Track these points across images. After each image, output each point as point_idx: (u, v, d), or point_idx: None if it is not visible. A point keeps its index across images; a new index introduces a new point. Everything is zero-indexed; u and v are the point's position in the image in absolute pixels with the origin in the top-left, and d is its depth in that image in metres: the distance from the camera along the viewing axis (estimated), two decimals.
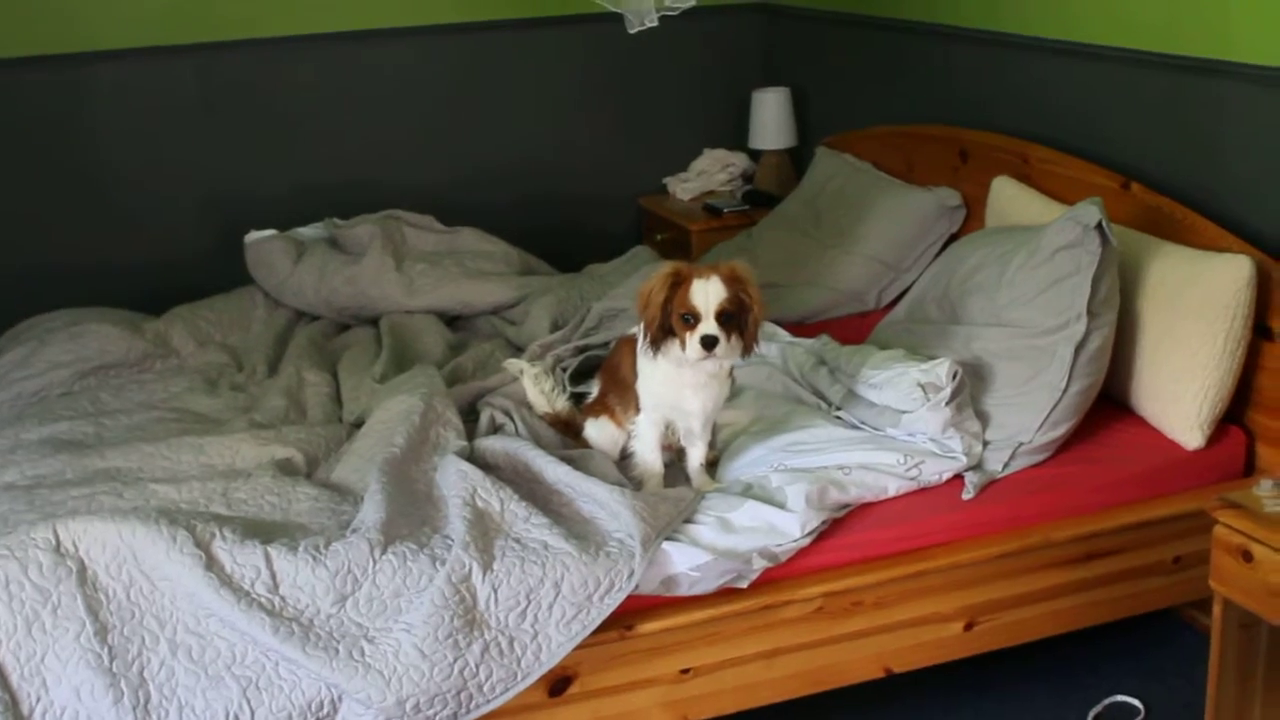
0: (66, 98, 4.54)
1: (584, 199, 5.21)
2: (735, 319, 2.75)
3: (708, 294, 2.72)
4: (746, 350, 2.82)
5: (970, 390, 3.03)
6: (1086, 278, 3.00)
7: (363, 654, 2.43)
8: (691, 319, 2.74)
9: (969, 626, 2.90)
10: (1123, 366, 3.16)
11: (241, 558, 2.51)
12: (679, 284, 2.76)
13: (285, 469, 3.00)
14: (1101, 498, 2.99)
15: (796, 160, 5.14)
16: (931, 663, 2.92)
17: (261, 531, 2.63)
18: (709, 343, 2.72)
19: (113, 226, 4.68)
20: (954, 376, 2.96)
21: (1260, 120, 3.11)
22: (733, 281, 2.75)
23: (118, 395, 3.52)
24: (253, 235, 4.30)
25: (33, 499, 2.82)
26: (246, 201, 4.72)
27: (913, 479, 2.90)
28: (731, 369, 2.96)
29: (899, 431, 3.03)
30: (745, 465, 3.01)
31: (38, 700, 2.35)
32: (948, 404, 2.94)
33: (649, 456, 2.97)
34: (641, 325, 2.83)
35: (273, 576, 2.50)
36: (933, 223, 4.09)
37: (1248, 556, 2.32)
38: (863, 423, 3.13)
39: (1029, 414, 3.00)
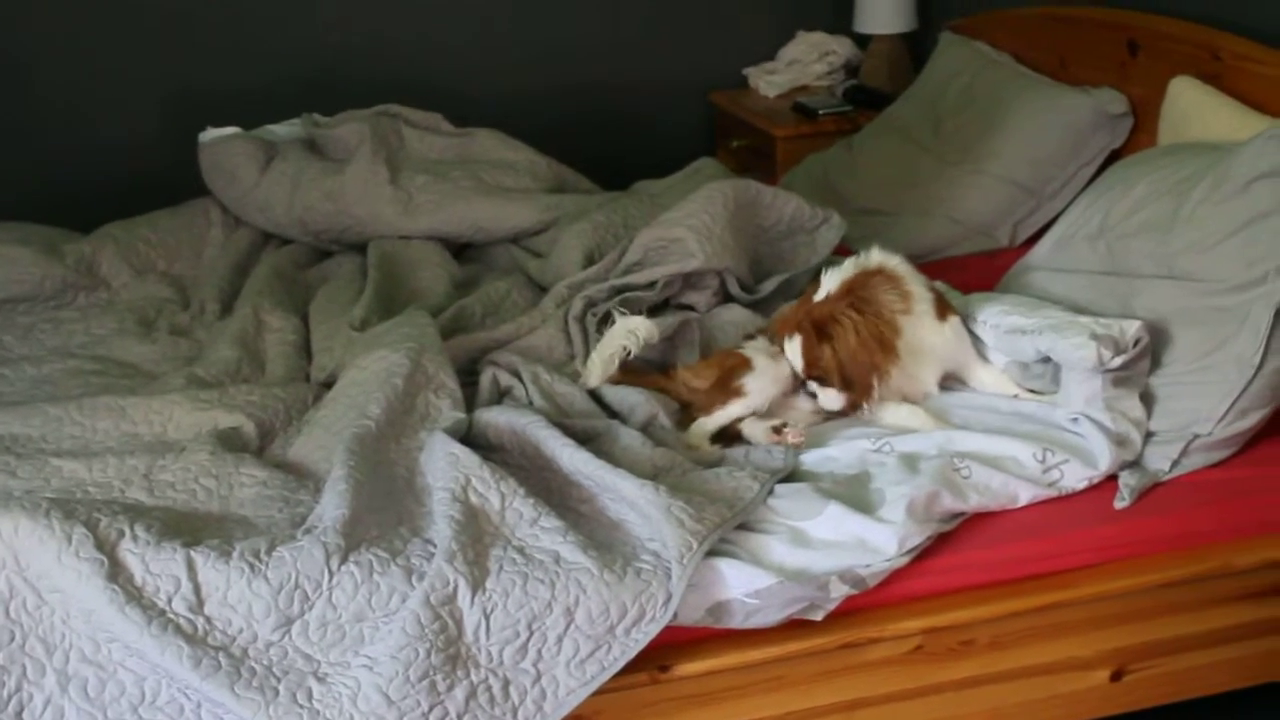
0: None
1: (638, 92, 5.22)
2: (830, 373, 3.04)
3: (793, 356, 3.08)
4: (852, 407, 3.08)
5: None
6: None
7: (310, 697, 2.35)
8: None
9: (1117, 676, 2.86)
10: None
11: (157, 565, 2.41)
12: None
13: (229, 442, 2.93)
14: None
15: (915, 49, 5.14)
16: None
17: (188, 528, 2.54)
18: (814, 396, 3.11)
19: (32, 114, 4.65)
20: (1137, 343, 2.93)
21: None
22: (814, 335, 3.01)
23: (25, 338, 3.52)
24: (210, 133, 4.26)
25: None
26: (205, 92, 4.71)
27: (1051, 484, 2.83)
28: None
29: (1038, 405, 3.05)
30: (842, 440, 3.02)
31: None
32: (1110, 371, 2.90)
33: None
34: None
35: (196, 590, 2.40)
36: (1089, 135, 4.01)
37: None
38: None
39: (1209, 397, 2.91)
